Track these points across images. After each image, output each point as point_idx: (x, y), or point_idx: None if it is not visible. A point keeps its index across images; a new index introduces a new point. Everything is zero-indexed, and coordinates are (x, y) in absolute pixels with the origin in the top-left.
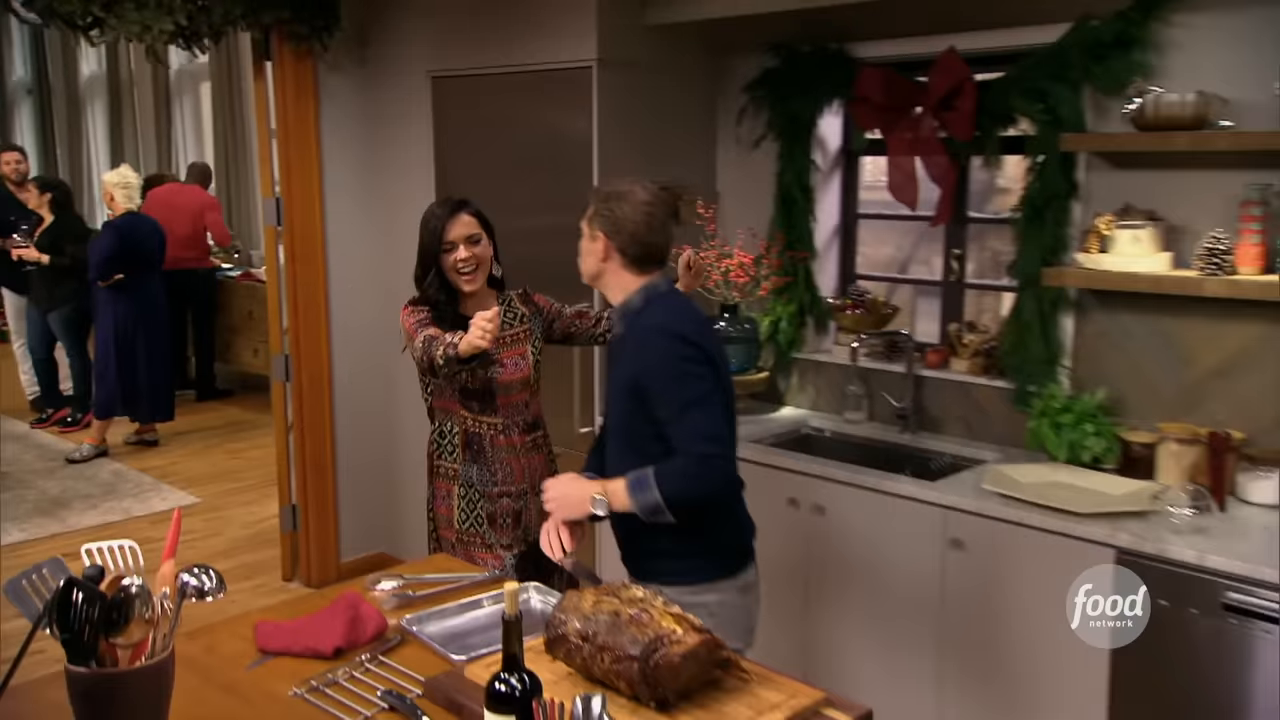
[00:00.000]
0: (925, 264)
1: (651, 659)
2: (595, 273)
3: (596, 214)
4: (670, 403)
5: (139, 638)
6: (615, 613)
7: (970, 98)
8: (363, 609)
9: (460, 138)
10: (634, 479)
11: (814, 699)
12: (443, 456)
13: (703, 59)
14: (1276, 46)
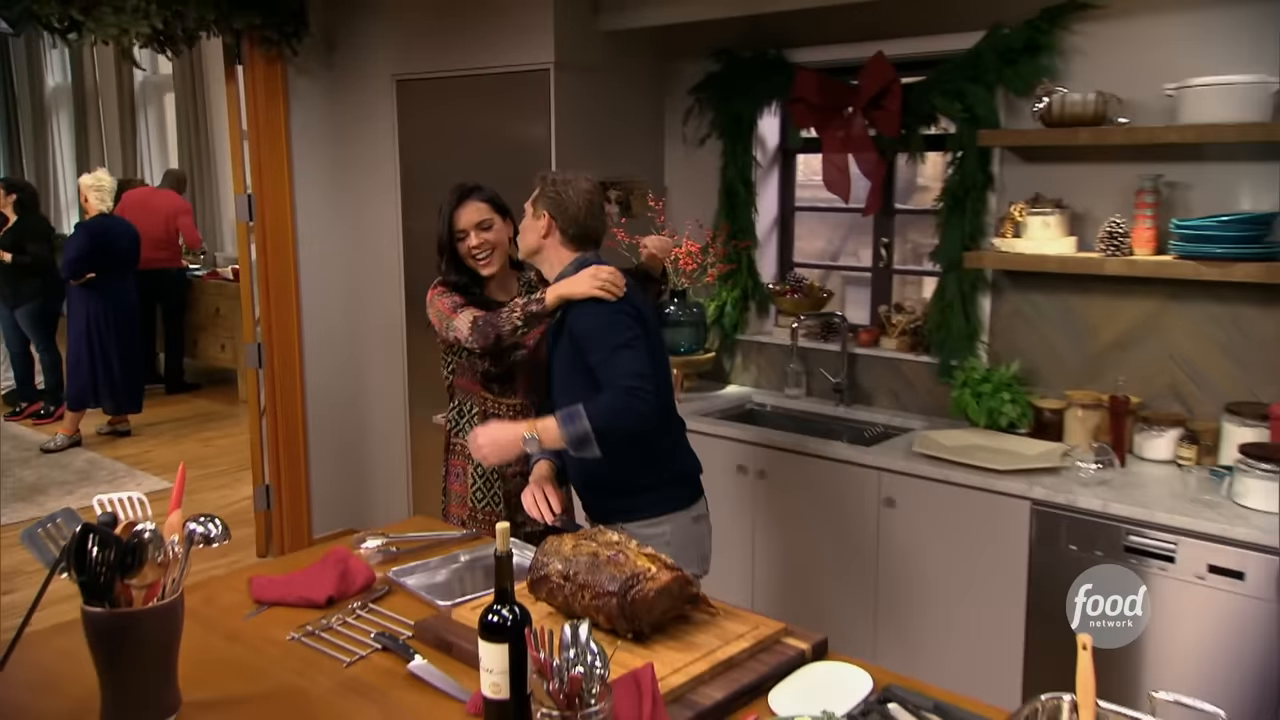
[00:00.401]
0: (853, 255)
1: (629, 594)
2: (535, 248)
3: (542, 195)
4: (600, 348)
5: (152, 579)
6: (594, 554)
7: (897, 98)
8: (351, 563)
9: (424, 138)
10: (564, 413)
11: (775, 629)
12: (460, 434)
13: (651, 63)
14: (1163, 52)
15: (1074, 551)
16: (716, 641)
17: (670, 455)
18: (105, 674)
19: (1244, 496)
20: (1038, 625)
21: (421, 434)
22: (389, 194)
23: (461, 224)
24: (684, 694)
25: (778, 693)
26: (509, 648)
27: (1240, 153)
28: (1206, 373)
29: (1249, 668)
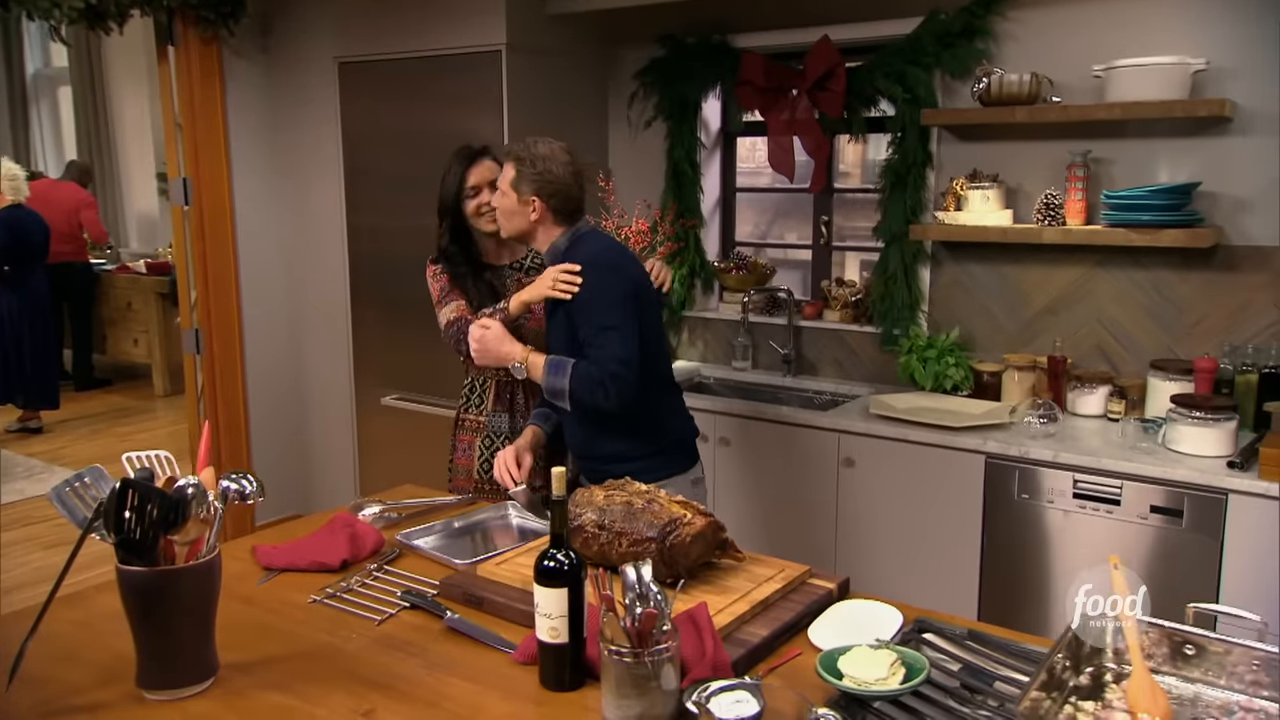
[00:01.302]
0: (778, 237)
1: (667, 540)
2: (526, 232)
3: (524, 178)
4: (590, 325)
5: (195, 535)
6: (627, 503)
7: (841, 80)
8: (359, 527)
9: (368, 121)
10: (554, 361)
11: (801, 571)
12: (469, 410)
13: (595, 48)
14: (1089, 36)
15: (1026, 500)
16: (749, 584)
17: (668, 422)
18: (145, 636)
19: (1177, 443)
20: (991, 569)
21: (368, 417)
22: (332, 178)
23: (474, 180)
24: (731, 633)
25: (817, 628)
26: (567, 592)
27: (1159, 129)
28: (1131, 333)
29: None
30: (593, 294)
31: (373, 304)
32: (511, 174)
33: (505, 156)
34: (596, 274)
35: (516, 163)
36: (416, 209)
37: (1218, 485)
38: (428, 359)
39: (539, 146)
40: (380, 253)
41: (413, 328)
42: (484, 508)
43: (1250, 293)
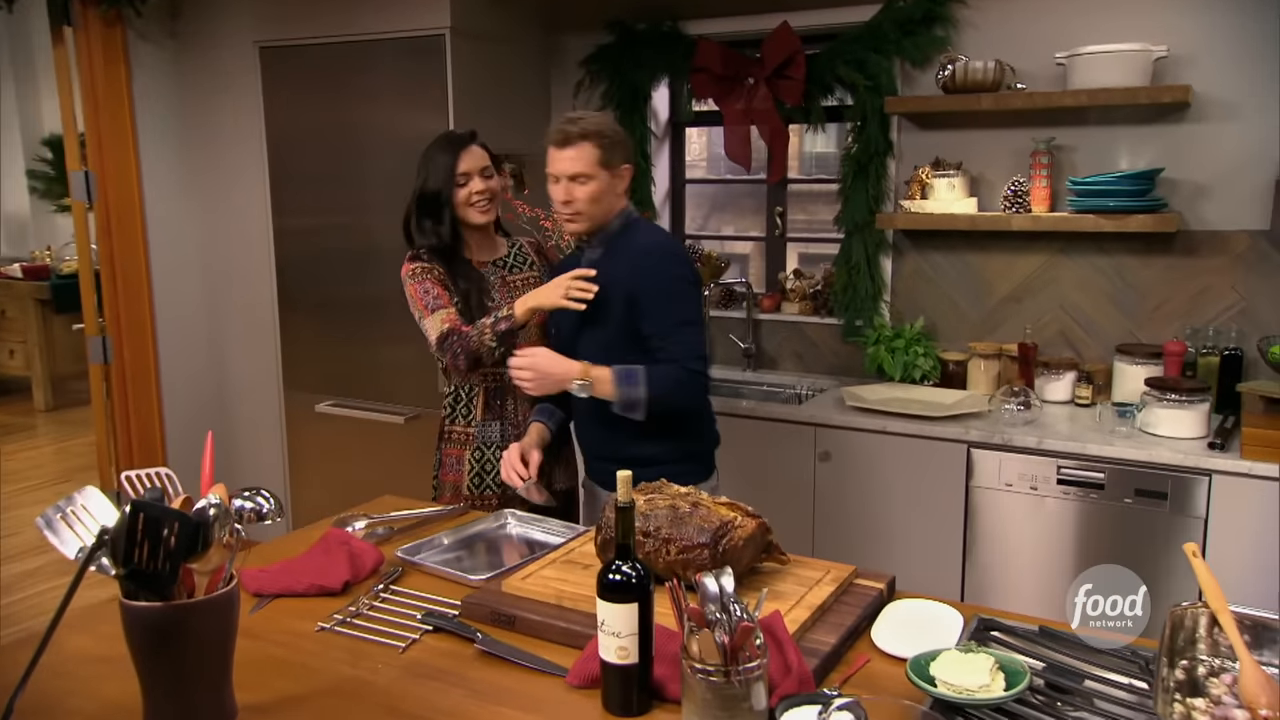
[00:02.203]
0: (716, 230)
1: (721, 544)
2: (615, 207)
3: (612, 147)
4: (664, 318)
5: (218, 563)
6: (672, 506)
7: (801, 67)
8: (355, 545)
9: (295, 112)
10: (623, 371)
11: (848, 571)
12: (456, 421)
13: (538, 34)
14: (1053, 23)
15: (1009, 488)
16: (800, 588)
17: (703, 427)
18: (157, 679)
19: (1154, 426)
20: (975, 558)
21: (300, 426)
22: (255, 173)
23: (466, 166)
24: (797, 642)
25: (879, 631)
26: (637, 607)
27: (1119, 116)
28: (1094, 319)
29: (1177, 579)
30: (669, 284)
31: (302, 306)
32: (595, 152)
33: (572, 141)
34: (672, 263)
35: (595, 139)
36: (349, 206)
37: (1201, 466)
38: (366, 361)
39: (596, 117)
40: (310, 251)
41: (348, 329)
42: (480, 518)
43: (1209, 276)
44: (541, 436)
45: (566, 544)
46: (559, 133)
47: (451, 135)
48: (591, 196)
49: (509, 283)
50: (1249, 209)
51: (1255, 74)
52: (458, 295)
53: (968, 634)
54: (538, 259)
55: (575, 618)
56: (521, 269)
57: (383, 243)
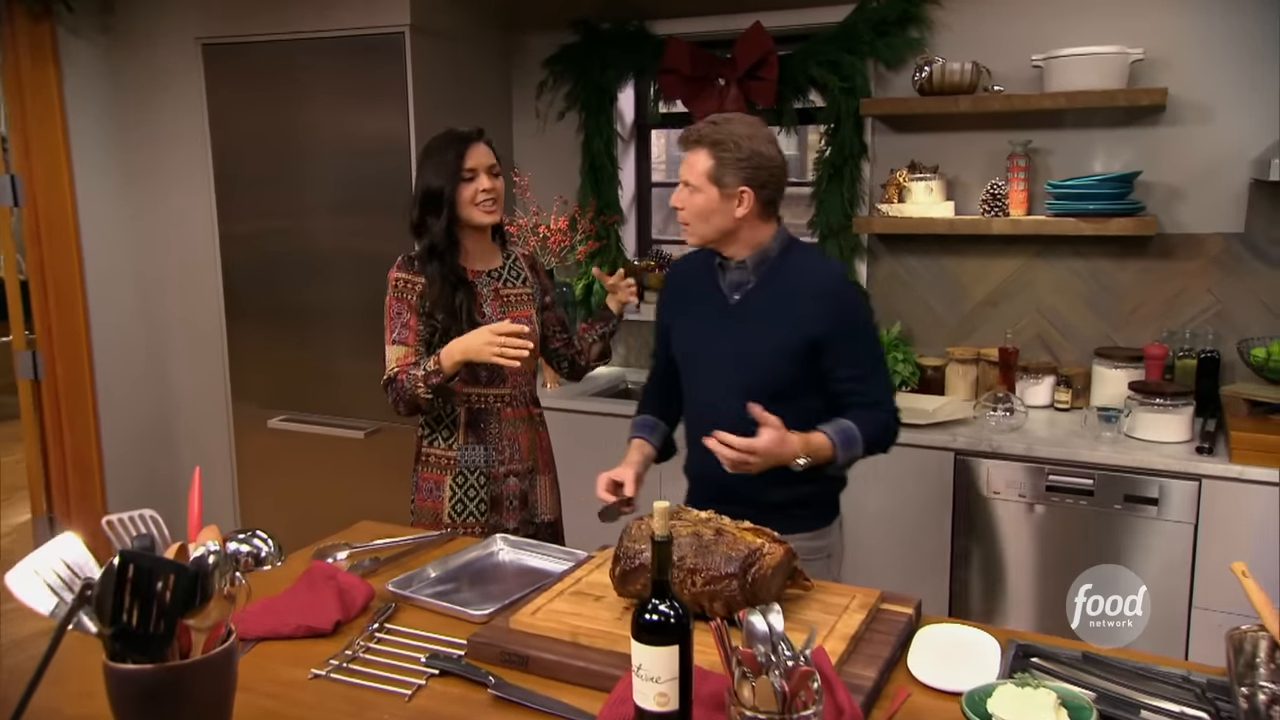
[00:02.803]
0: (675, 233)
1: (749, 573)
2: (729, 229)
3: (728, 165)
4: (863, 358)
5: (217, 618)
6: (695, 534)
7: (774, 68)
8: (343, 579)
9: (242, 112)
10: (842, 436)
11: (874, 597)
12: (434, 444)
13: (497, 33)
14: (1027, 25)
15: (997, 495)
16: (829, 616)
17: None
18: None
19: (1139, 430)
20: (964, 567)
21: (251, 443)
22: (199, 177)
23: (473, 162)
24: None
25: (915, 661)
26: (678, 650)
27: (1095, 119)
28: (1071, 322)
29: (1167, 585)
30: (862, 321)
31: (252, 315)
32: (708, 163)
33: (690, 144)
34: (860, 298)
35: (714, 148)
36: (301, 209)
37: (1191, 471)
38: (321, 373)
39: (735, 125)
40: (259, 257)
41: (302, 339)
42: (469, 545)
43: (1185, 279)
44: (647, 458)
45: (571, 572)
46: (685, 131)
47: (458, 131)
48: (698, 211)
49: (502, 296)
50: (1224, 212)
51: (1229, 77)
52: (443, 309)
53: (1008, 662)
54: (532, 274)
55: (594, 656)
56: (515, 283)
57: (338, 248)
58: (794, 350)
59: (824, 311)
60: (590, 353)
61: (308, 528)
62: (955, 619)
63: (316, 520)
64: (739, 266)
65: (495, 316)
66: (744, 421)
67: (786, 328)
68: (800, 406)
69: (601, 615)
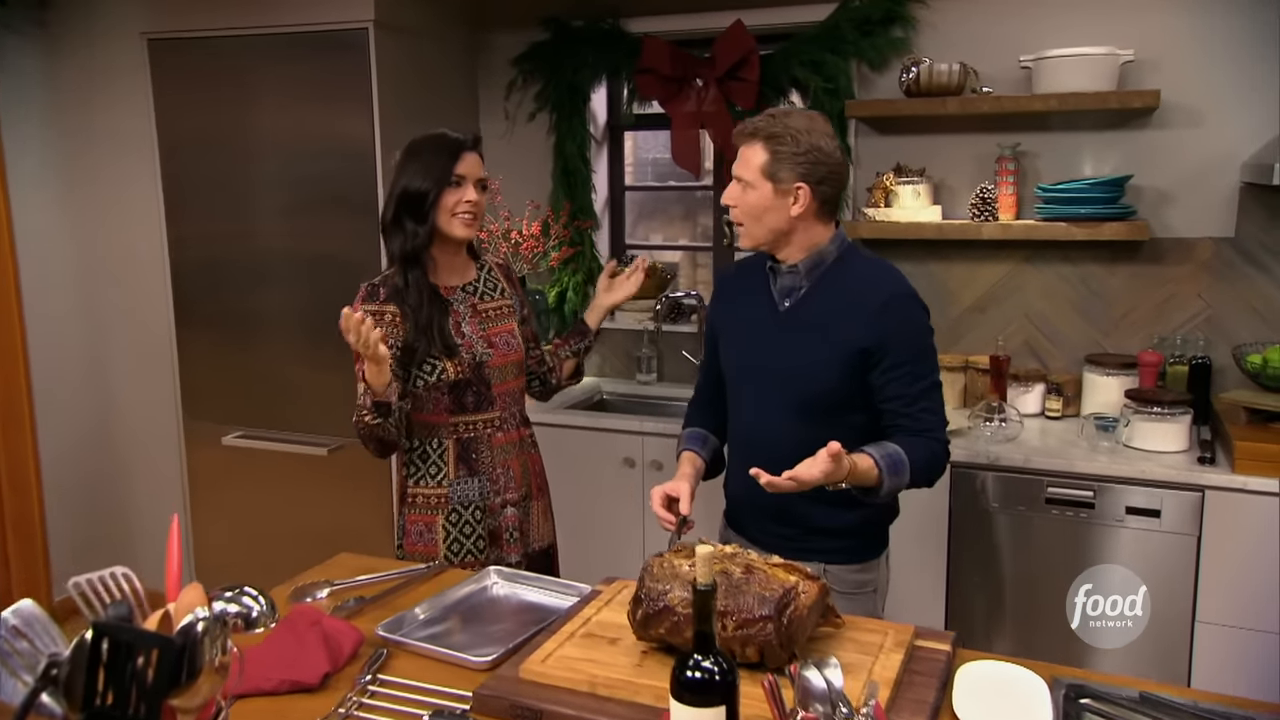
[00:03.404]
0: (644, 239)
1: (784, 615)
2: (784, 229)
3: (784, 159)
4: (916, 379)
5: (208, 695)
6: (724, 572)
7: (755, 68)
8: (329, 624)
9: (193, 111)
10: (889, 462)
11: (909, 633)
12: (421, 482)
13: (463, 32)
14: (1015, 25)
15: (995, 508)
16: (865, 657)
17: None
18: None
19: (1138, 440)
20: (961, 584)
21: (204, 462)
22: (146, 179)
23: (463, 169)
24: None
25: (964, 707)
26: (724, 711)
27: (1083, 121)
28: (1059, 329)
29: (1170, 598)
30: (920, 340)
31: (205, 325)
32: (763, 157)
33: (745, 137)
34: (920, 313)
35: (770, 141)
36: (259, 212)
37: (1194, 482)
38: (281, 386)
39: (794, 119)
40: (212, 264)
41: (259, 350)
42: (461, 579)
43: (1175, 284)
44: (698, 469)
45: (577, 610)
46: (740, 125)
47: (452, 135)
48: (750, 210)
49: (480, 311)
50: (1213, 216)
51: (1219, 79)
52: (413, 327)
53: (1059, 704)
54: (508, 284)
55: (616, 710)
56: (493, 295)
57: (298, 253)
58: (844, 362)
59: (881, 322)
60: (562, 370)
61: (269, 554)
62: (994, 655)
63: (279, 546)
64: (791, 271)
65: (475, 334)
66: (790, 438)
67: (839, 338)
68: (848, 423)
69: (619, 661)
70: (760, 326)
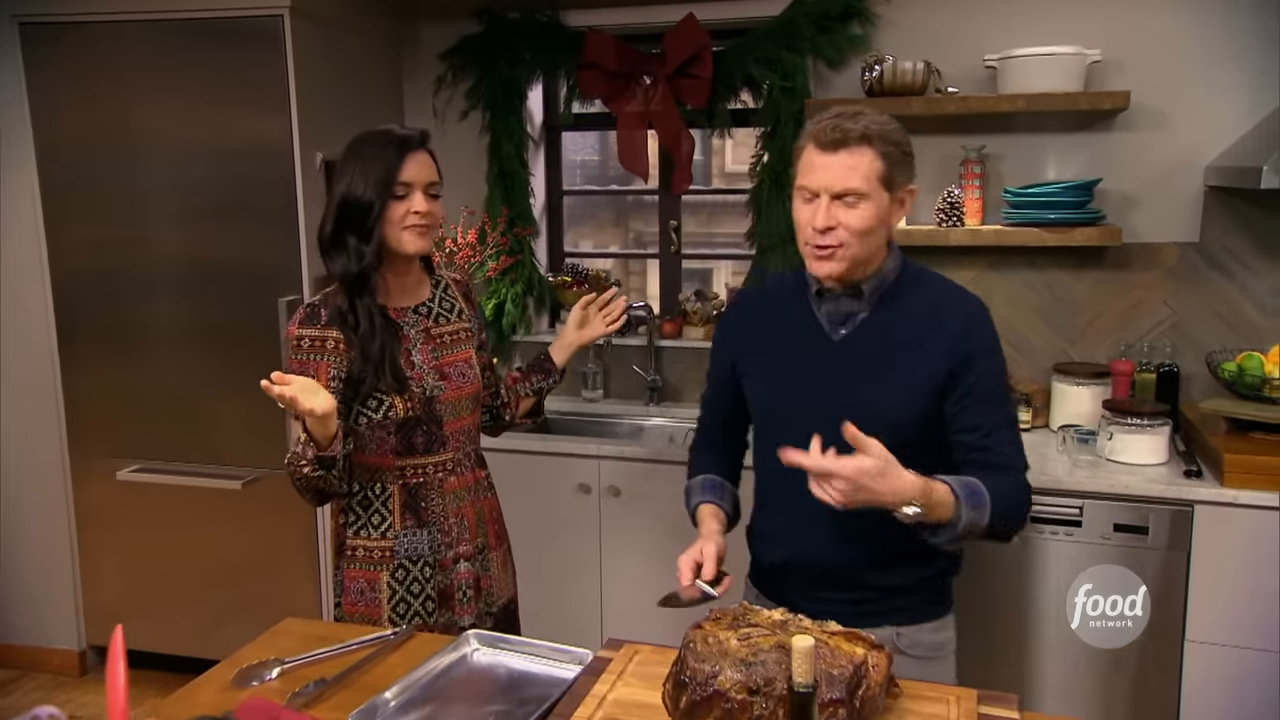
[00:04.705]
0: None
1: (857, 697)
2: (883, 244)
3: (896, 161)
4: (995, 409)
5: None
6: (779, 646)
7: (708, 65)
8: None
9: (75, 104)
10: (968, 490)
11: (973, 699)
12: (362, 533)
13: (385, 22)
14: (979, 23)
15: None
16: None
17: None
18: None
19: (1120, 453)
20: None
21: (95, 500)
22: (20, 179)
23: (410, 175)
24: None
25: None
26: None
27: (1048, 123)
28: (1025, 336)
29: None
30: (998, 367)
31: (94, 341)
32: (877, 164)
33: (853, 142)
34: (996, 339)
35: (879, 143)
36: (154, 219)
37: (1183, 497)
38: (184, 412)
39: (879, 115)
40: (102, 275)
41: (158, 373)
42: (437, 650)
43: (1142, 290)
44: (722, 525)
45: (586, 688)
46: (833, 129)
47: (395, 133)
48: (864, 226)
49: (434, 337)
50: (1178, 220)
51: (1183, 81)
52: (361, 359)
53: None
54: (466, 305)
55: None
56: (449, 318)
57: (204, 261)
58: (921, 392)
59: (961, 342)
60: (518, 407)
61: (177, 601)
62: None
63: (187, 592)
64: (849, 294)
65: (426, 364)
66: None
67: (915, 364)
68: (915, 465)
69: None
70: (807, 360)
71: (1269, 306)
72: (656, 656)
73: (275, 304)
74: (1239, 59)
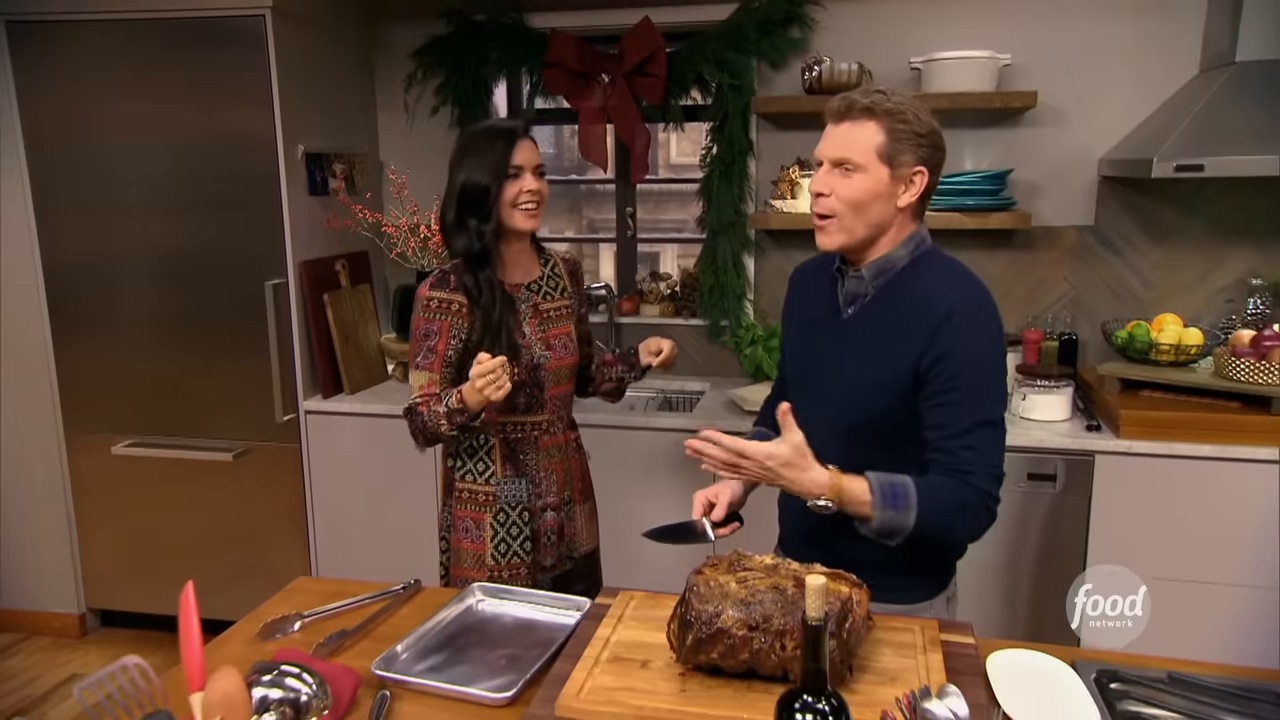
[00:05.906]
0: None
1: (844, 629)
2: (885, 224)
3: (904, 138)
4: (957, 411)
5: None
6: (774, 588)
7: (663, 64)
8: (321, 669)
9: (62, 101)
10: (887, 490)
11: (934, 627)
12: (468, 477)
13: (358, 23)
14: (903, 29)
15: None
16: (909, 660)
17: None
18: None
19: (1029, 411)
20: None
21: (90, 475)
22: (11, 175)
23: (520, 159)
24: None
25: (1009, 704)
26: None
27: (963, 119)
28: None
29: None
30: (977, 363)
31: (85, 321)
32: (878, 138)
33: (857, 113)
34: (985, 334)
35: (887, 118)
36: (142, 210)
37: (1086, 448)
38: (175, 388)
39: (903, 95)
40: (93, 263)
41: (150, 350)
42: (443, 601)
43: (1045, 269)
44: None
45: (589, 631)
46: (841, 100)
47: (503, 124)
48: (854, 198)
49: (542, 312)
50: (1076, 206)
51: (1080, 83)
52: (481, 327)
53: (1093, 691)
54: (570, 283)
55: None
56: (555, 295)
57: (191, 250)
58: (893, 384)
59: (933, 335)
60: (601, 385)
61: (172, 568)
62: (1008, 642)
63: (182, 559)
64: (856, 275)
65: (534, 336)
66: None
67: (892, 354)
68: (903, 455)
69: (660, 688)
70: (819, 333)
71: (1153, 282)
72: (651, 601)
73: (261, 287)
74: (1127, 65)
